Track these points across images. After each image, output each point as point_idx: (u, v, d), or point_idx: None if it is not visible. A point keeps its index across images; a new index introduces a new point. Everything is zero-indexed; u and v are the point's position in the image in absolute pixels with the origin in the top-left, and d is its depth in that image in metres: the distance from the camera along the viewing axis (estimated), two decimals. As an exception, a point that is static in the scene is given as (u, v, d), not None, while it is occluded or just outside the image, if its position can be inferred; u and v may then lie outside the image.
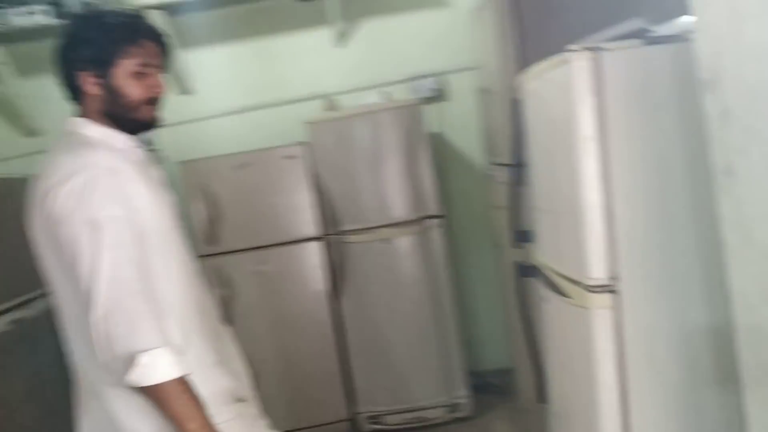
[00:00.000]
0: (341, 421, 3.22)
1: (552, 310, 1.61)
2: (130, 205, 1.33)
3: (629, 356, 1.33)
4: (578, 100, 1.27)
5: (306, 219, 3.19)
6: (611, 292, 1.32)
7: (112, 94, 1.41)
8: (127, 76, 1.41)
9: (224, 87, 3.85)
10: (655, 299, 1.34)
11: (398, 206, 3.08)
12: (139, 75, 1.42)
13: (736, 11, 0.93)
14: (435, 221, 3.05)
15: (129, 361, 1.25)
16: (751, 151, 0.95)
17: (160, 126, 1.50)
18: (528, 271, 1.86)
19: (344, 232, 3.15)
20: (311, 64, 3.85)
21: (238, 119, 3.84)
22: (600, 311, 1.33)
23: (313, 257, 3.22)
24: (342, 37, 3.79)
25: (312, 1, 3.74)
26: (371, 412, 3.18)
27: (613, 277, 1.32)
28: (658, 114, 1.31)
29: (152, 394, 1.28)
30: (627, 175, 1.30)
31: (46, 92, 2.00)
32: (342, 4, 3.64)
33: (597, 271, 1.32)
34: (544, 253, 1.64)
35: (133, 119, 1.44)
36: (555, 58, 1.35)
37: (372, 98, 3.39)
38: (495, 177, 2.39)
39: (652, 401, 1.36)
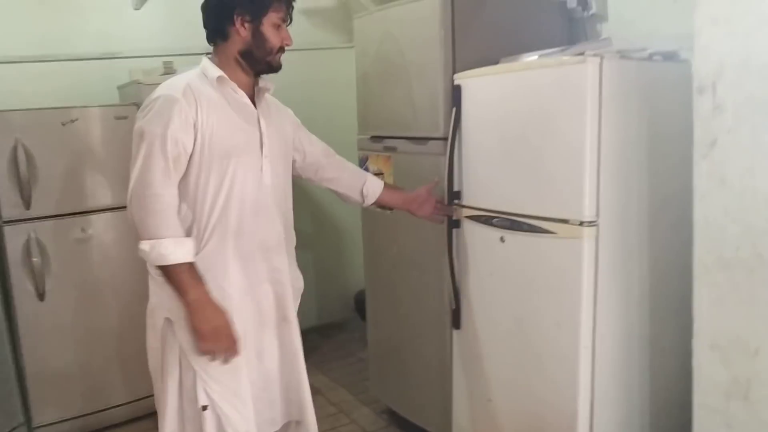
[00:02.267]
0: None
1: (510, 247, 2.07)
2: (185, 126, 1.68)
3: (601, 278, 1.88)
4: (589, 92, 1.78)
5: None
6: (595, 226, 1.86)
7: (257, 38, 1.77)
8: (271, 26, 1.78)
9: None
10: (626, 233, 1.92)
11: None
12: (277, 27, 1.80)
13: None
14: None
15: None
16: (737, 130, 1.57)
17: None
18: (456, 223, 2.32)
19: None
20: (103, 23, 3.59)
21: (8, 70, 3.38)
22: (588, 241, 1.85)
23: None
24: (142, 0, 3.63)
25: (112, -46, 3.52)
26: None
27: (597, 215, 1.86)
28: (651, 102, 1.89)
29: (163, 270, 1.69)
30: (614, 150, 1.84)
31: None
32: (147, -37, 3.50)
33: (588, 210, 1.84)
34: (500, 204, 2.10)
35: (267, 62, 1.81)
36: (569, 59, 1.83)
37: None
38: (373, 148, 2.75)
39: (616, 316, 1.92)
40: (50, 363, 2.88)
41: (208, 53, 1.86)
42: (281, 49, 1.82)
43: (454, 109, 2.24)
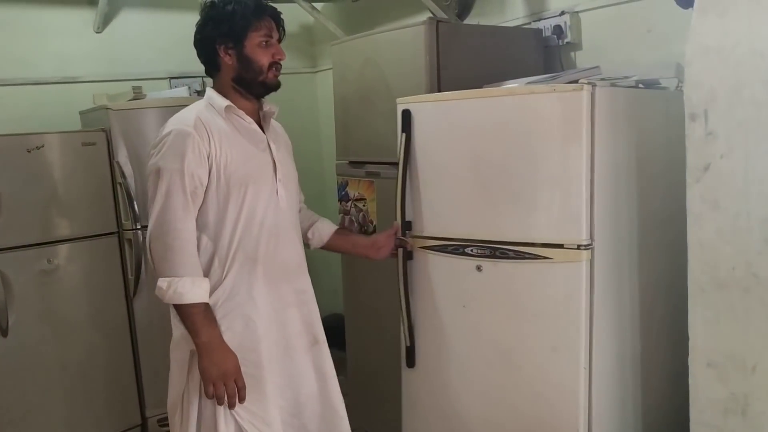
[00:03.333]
0: (134, 427, 3.05)
1: (489, 275, 2.04)
2: (200, 159, 1.70)
3: (597, 299, 1.90)
4: (584, 119, 1.83)
5: (104, 212, 2.95)
6: (591, 249, 1.90)
7: (244, 62, 1.78)
8: (255, 47, 1.79)
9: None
10: (619, 255, 1.96)
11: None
12: (263, 45, 1.80)
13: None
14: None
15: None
16: (729, 155, 1.64)
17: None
18: (410, 254, 2.22)
19: (145, 227, 3.01)
20: (63, 45, 3.49)
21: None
22: (585, 264, 1.88)
23: (110, 253, 2.98)
24: (104, 22, 3.55)
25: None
26: (161, 414, 3.09)
27: (592, 238, 1.90)
28: (639, 128, 1.94)
29: (177, 309, 1.70)
30: (606, 173, 1.88)
31: None
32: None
33: (584, 233, 1.88)
34: (475, 233, 2.06)
35: (261, 82, 1.81)
36: (563, 86, 1.88)
37: (178, 90, 3.31)
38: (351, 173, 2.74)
39: (611, 336, 1.95)
40: (15, 401, 2.73)
41: (172, 77, 1.90)
42: (273, 66, 1.82)
43: (403, 135, 2.16)
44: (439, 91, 2.31)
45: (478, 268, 2.07)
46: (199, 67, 1.91)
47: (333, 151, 2.88)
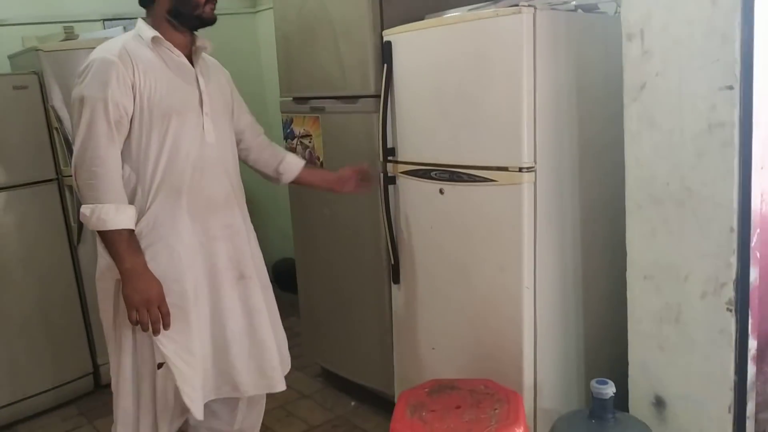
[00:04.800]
0: (86, 375, 3.03)
1: (449, 198, 2.13)
2: (124, 88, 1.69)
3: (540, 221, 1.96)
4: (525, 41, 1.85)
5: (41, 158, 2.86)
6: (533, 171, 1.94)
7: None
8: None
9: None
10: (561, 176, 2.01)
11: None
12: None
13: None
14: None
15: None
16: (664, 73, 1.69)
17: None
18: (392, 179, 2.35)
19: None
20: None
21: None
22: (527, 186, 1.93)
23: (50, 201, 2.91)
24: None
25: None
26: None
27: (534, 161, 1.94)
28: (579, 51, 1.98)
29: (101, 236, 1.71)
30: (548, 97, 1.92)
31: None
32: None
33: (527, 156, 1.92)
34: (438, 158, 2.15)
35: (197, 16, 1.80)
36: (504, 9, 1.89)
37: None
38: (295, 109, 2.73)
39: (554, 255, 2.02)
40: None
41: (106, 19, 1.84)
42: (210, 1, 1.81)
43: (385, 66, 2.26)
44: (382, 21, 2.30)
45: (441, 191, 2.16)
46: (134, 9, 1.85)
47: (276, 91, 2.84)
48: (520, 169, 1.92)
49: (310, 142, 2.66)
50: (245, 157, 2.12)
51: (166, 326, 1.73)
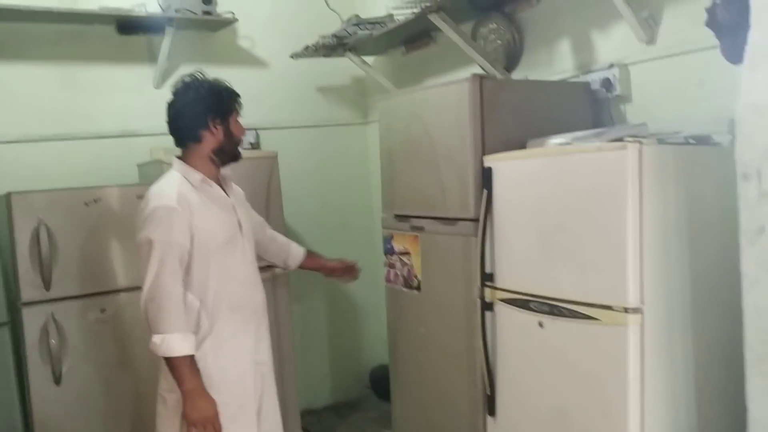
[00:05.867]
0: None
1: (549, 332, 2.03)
2: (184, 230, 1.96)
3: (648, 365, 1.82)
4: (630, 178, 1.78)
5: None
6: (640, 313, 1.82)
7: (228, 135, 2.11)
8: (235, 122, 2.14)
9: (14, 111, 3.37)
10: (671, 320, 1.88)
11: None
12: (238, 122, 2.15)
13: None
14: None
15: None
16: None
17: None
18: (489, 305, 2.28)
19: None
20: (125, 101, 3.63)
21: (30, 149, 3.39)
22: (633, 329, 1.81)
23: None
24: (163, 78, 3.69)
25: (136, 36, 3.59)
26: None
27: (642, 302, 1.82)
28: (690, 186, 1.89)
29: (167, 360, 1.94)
30: (656, 235, 1.82)
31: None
32: (172, 44, 3.57)
33: (633, 296, 1.81)
34: (538, 288, 2.07)
35: (235, 154, 2.16)
36: (608, 144, 1.84)
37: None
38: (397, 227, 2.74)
39: (664, 405, 1.86)
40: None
41: None
42: (241, 142, 2.18)
43: (485, 191, 2.24)
44: (484, 147, 2.30)
45: (540, 324, 2.07)
46: (250, 121, 1.96)
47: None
48: (626, 310, 1.80)
49: (408, 260, 2.65)
50: (257, 251, 2.37)
51: None
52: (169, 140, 3.48)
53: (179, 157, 2.12)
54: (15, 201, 2.73)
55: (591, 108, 2.58)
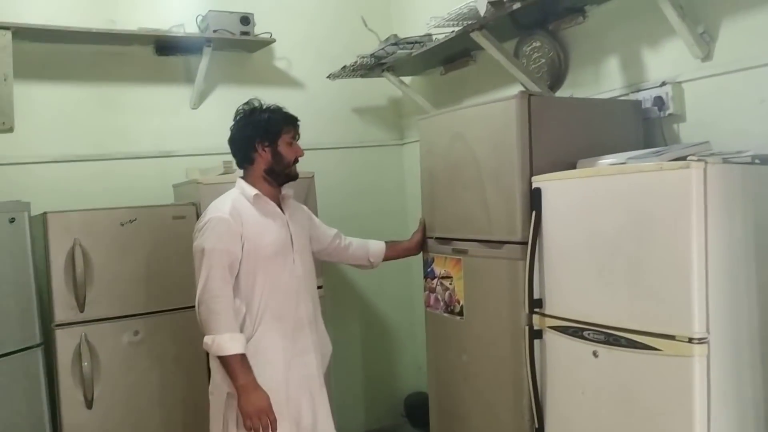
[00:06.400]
0: None
1: (605, 362, 1.91)
2: (234, 239, 2.14)
3: (714, 399, 1.69)
4: (695, 199, 1.67)
5: (190, 285, 2.95)
6: (706, 343, 1.70)
7: (276, 157, 2.28)
8: (284, 145, 2.29)
9: (53, 130, 3.37)
10: (739, 350, 1.76)
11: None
12: (290, 144, 2.31)
13: None
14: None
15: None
16: None
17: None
18: (538, 333, 2.17)
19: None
20: (161, 122, 3.62)
21: (67, 168, 3.38)
22: (698, 360, 1.69)
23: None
24: (200, 99, 3.67)
25: (173, 56, 3.59)
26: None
27: (708, 331, 1.70)
28: (758, 208, 1.78)
29: (220, 359, 2.10)
30: (722, 260, 1.71)
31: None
32: (209, 65, 3.55)
33: (698, 325, 1.69)
34: (592, 316, 1.95)
35: (286, 174, 2.32)
36: (670, 164, 1.73)
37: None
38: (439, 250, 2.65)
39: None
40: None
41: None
42: (296, 161, 2.32)
43: (533, 213, 2.14)
44: (531, 167, 2.20)
45: (595, 354, 1.95)
46: None
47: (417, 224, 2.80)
48: (690, 340, 1.69)
49: (450, 284, 2.56)
50: (338, 261, 2.73)
51: (276, 430, 2.10)
52: (204, 161, 3.51)
53: (241, 177, 2.31)
54: (51, 221, 2.70)
55: (642, 128, 2.48)
